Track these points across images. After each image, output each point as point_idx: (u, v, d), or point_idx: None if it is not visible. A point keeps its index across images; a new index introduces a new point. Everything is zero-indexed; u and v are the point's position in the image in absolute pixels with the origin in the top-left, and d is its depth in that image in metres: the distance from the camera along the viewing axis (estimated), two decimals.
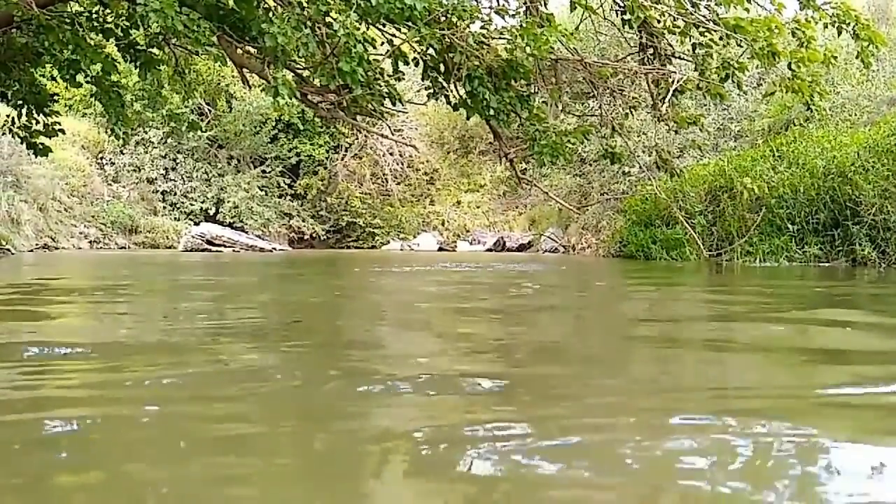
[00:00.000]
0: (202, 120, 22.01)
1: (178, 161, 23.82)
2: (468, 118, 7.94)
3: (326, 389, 2.73)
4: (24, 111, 9.07)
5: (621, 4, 7.73)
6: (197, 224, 21.71)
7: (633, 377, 3.12)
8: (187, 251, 19.19)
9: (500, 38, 7.28)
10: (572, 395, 2.69)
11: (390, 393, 2.64)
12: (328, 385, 2.81)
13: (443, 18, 6.83)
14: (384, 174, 26.00)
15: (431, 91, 7.66)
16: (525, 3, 7.71)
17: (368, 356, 3.56)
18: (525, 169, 14.84)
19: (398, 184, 26.13)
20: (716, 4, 7.68)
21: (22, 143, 9.50)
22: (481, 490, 1.71)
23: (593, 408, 2.49)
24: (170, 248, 21.06)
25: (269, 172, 24.72)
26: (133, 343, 3.89)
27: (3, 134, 9.77)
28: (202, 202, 23.62)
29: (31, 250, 16.99)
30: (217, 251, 19.11)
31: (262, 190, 24.26)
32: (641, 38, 8.10)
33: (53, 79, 10.10)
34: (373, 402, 2.53)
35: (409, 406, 2.49)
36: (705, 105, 15.30)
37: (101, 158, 23.14)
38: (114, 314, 5.39)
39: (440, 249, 23.01)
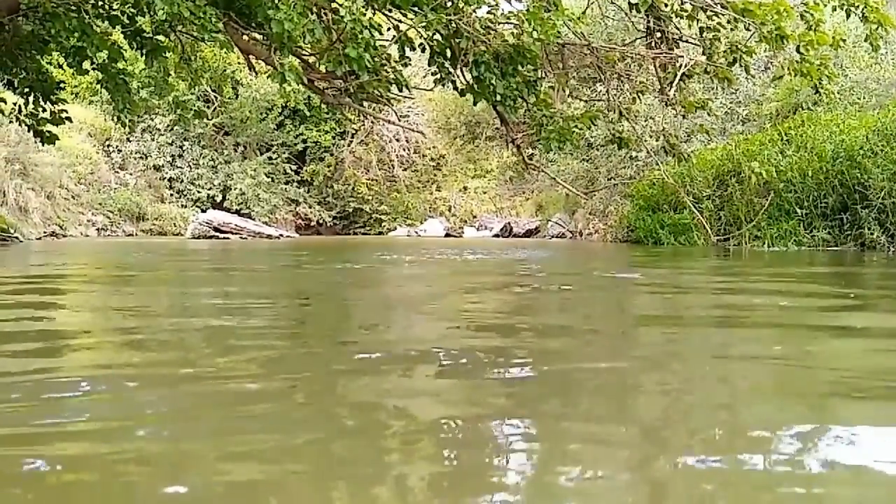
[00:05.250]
0: (208, 107, 22.01)
1: (184, 148, 23.85)
2: (475, 104, 7.93)
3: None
4: (30, 99, 9.10)
5: None
6: (204, 211, 21.75)
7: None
8: (195, 238, 19.24)
9: (506, 22, 7.26)
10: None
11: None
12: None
13: (449, 3, 6.83)
14: (391, 160, 25.98)
15: (438, 77, 7.65)
16: None
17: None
18: (532, 154, 14.79)
19: (405, 170, 26.10)
20: None
21: (29, 130, 9.55)
22: None
23: None
24: (177, 235, 21.11)
25: (276, 159, 24.71)
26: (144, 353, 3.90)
27: (11, 122, 9.81)
28: (209, 189, 23.65)
29: (39, 238, 17.04)
30: (224, 238, 19.15)
31: (268, 177, 24.26)
32: (649, 22, 8.07)
33: (60, 66, 10.14)
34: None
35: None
36: (713, 89, 15.21)
37: (108, 146, 23.17)
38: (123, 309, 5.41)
39: (447, 235, 22.99)
